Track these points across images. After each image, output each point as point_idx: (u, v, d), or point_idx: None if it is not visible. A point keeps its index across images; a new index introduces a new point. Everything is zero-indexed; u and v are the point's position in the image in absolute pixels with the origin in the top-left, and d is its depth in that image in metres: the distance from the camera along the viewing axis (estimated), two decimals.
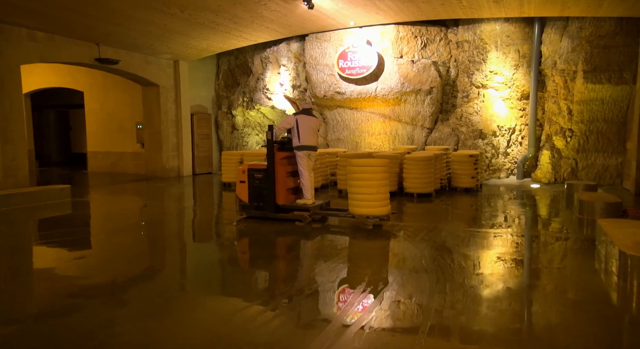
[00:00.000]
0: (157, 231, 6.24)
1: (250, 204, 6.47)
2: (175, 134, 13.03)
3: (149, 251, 5.30)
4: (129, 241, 5.57)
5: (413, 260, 4.63)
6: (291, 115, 6.55)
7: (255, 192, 6.44)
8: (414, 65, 11.05)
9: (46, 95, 16.42)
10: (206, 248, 5.49)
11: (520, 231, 6.03)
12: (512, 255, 4.79)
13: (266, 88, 13.45)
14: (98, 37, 10.09)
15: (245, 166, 6.56)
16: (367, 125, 12.08)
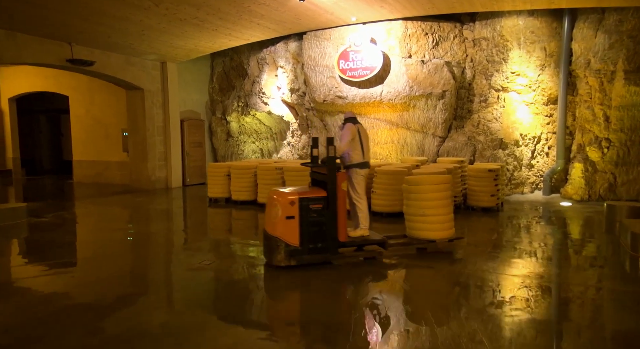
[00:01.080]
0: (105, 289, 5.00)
1: (303, 248, 4.67)
2: (162, 142, 11.94)
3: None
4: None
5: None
6: (350, 124, 5.21)
7: (311, 230, 4.69)
8: (424, 65, 9.76)
9: (37, 99, 15.53)
10: None
11: (561, 281, 4.72)
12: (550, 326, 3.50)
13: (262, 92, 12.29)
14: (69, 35, 9.04)
15: (294, 195, 4.68)
16: (372, 132, 10.81)
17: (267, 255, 4.82)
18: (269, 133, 12.89)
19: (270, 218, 4.77)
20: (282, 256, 4.65)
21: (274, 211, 4.70)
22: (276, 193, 4.84)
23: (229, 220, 8.21)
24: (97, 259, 5.32)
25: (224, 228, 7.66)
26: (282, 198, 4.70)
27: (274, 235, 4.67)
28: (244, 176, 9.01)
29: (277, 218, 4.65)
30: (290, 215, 4.62)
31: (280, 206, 4.64)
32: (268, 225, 4.80)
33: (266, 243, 4.80)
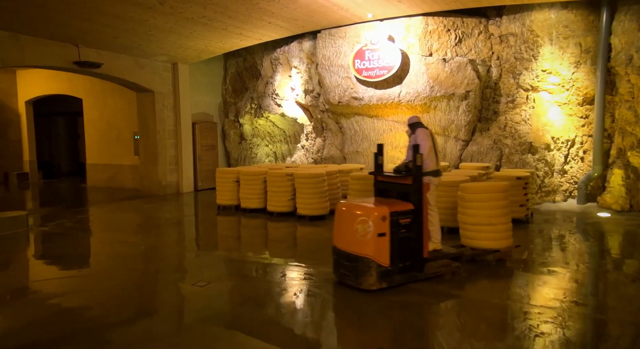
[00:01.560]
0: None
1: (393, 267, 4.21)
2: (173, 145, 11.62)
3: None
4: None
5: None
6: (424, 129, 4.88)
7: (400, 248, 4.25)
8: (446, 64, 9.09)
9: (54, 101, 15.50)
10: None
11: (608, 311, 4.04)
12: None
13: (275, 93, 11.83)
14: (74, 36, 8.77)
15: (384, 209, 4.16)
16: (389, 136, 10.20)
17: (349, 278, 4.27)
18: (282, 136, 12.42)
19: (352, 235, 4.21)
20: (374, 279, 4.11)
21: (360, 227, 4.15)
22: (359, 207, 4.33)
23: (239, 231, 7.76)
24: (90, 277, 4.92)
25: (234, 241, 7.20)
26: (372, 212, 4.14)
27: (363, 254, 4.11)
28: (253, 183, 8.55)
29: (368, 236, 4.10)
30: (382, 232, 4.12)
31: (372, 222, 4.09)
32: (351, 243, 4.23)
33: (349, 265, 4.23)
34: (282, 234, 7.22)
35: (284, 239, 6.90)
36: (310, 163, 11.70)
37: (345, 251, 4.30)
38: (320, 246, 6.13)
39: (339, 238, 4.43)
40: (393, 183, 4.64)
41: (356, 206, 4.42)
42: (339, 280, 4.41)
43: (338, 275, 4.43)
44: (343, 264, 4.32)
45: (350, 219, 4.27)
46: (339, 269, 4.40)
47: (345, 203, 4.62)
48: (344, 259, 4.31)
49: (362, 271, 4.14)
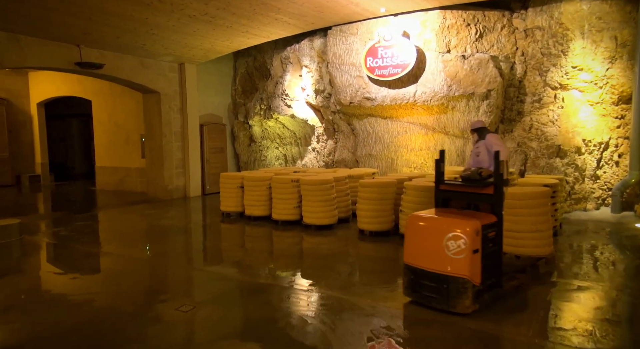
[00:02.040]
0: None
1: (484, 286, 3.85)
2: (180, 148, 11.26)
3: None
4: None
5: None
6: (495, 134, 4.73)
7: (488, 263, 3.91)
8: (466, 61, 8.43)
9: (69, 103, 15.40)
10: None
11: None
12: None
13: (285, 93, 11.34)
14: (75, 37, 8.46)
15: (476, 223, 3.77)
16: (404, 138, 9.59)
17: (436, 300, 3.87)
18: (293, 138, 11.93)
19: (439, 253, 3.81)
20: (470, 301, 3.72)
21: (452, 244, 3.74)
22: (447, 221, 3.88)
23: (241, 242, 7.30)
24: (62, 303, 4.52)
25: (234, 255, 6.73)
26: (465, 227, 3.73)
27: (456, 274, 3.73)
28: (258, 189, 8.08)
29: (464, 254, 3.69)
30: (476, 248, 3.74)
31: (467, 238, 3.69)
32: (438, 261, 3.82)
33: (436, 286, 3.84)
34: (286, 247, 6.71)
35: (289, 253, 6.39)
36: (322, 166, 11.17)
37: (428, 271, 3.88)
38: (331, 262, 5.60)
39: (416, 255, 4.01)
40: (461, 193, 4.26)
41: (442, 220, 3.97)
42: (417, 302, 4.01)
43: (417, 296, 4.02)
44: (426, 285, 3.91)
45: (436, 234, 3.86)
46: (419, 290, 3.98)
47: (423, 216, 4.13)
48: (427, 279, 3.89)
49: (455, 292, 3.74)
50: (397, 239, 6.63)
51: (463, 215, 4.00)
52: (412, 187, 6.46)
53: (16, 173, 14.55)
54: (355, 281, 4.95)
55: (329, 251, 6.11)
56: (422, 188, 6.36)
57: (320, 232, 7.15)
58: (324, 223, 7.30)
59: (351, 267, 5.45)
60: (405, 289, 4.12)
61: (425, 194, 6.34)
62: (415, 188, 6.43)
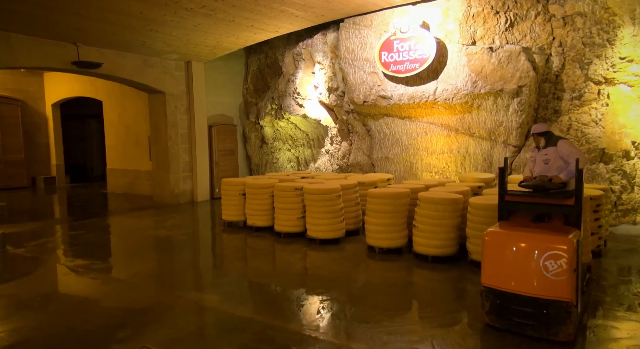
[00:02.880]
0: None
1: (577, 306, 3.49)
2: (187, 151, 10.74)
3: None
4: None
5: None
6: (568, 140, 4.45)
7: (580, 281, 3.64)
8: (494, 54, 7.46)
9: (88, 104, 15.19)
10: None
11: None
12: None
13: (297, 92, 10.62)
14: (71, 34, 8.01)
15: (573, 239, 3.40)
16: (424, 140, 8.69)
17: (531, 328, 3.45)
18: (305, 139, 11.20)
19: (532, 273, 3.43)
20: (573, 327, 3.36)
21: (551, 264, 3.35)
22: (540, 238, 3.49)
23: (238, 257, 6.64)
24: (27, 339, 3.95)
25: (227, 276, 6.06)
26: (565, 244, 3.35)
27: (557, 298, 3.33)
28: (260, 197, 7.40)
29: (565, 275, 3.31)
30: (575, 267, 3.39)
31: (568, 256, 3.31)
32: (532, 283, 3.43)
33: (531, 312, 3.43)
34: (283, 267, 6.00)
35: (284, 277, 5.66)
36: (335, 170, 10.40)
37: (521, 294, 3.48)
38: (334, 290, 4.84)
39: (503, 276, 3.59)
40: (532, 204, 3.89)
41: (536, 236, 3.53)
42: (505, 329, 3.58)
43: (506, 323, 3.58)
44: (517, 311, 3.49)
45: (530, 253, 3.46)
46: (508, 317, 3.55)
47: (508, 232, 3.73)
48: (518, 304, 3.48)
49: (557, 318, 3.35)
50: (410, 257, 5.80)
51: (552, 230, 3.62)
52: (427, 199, 5.60)
53: (31, 175, 14.46)
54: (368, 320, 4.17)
55: (332, 274, 5.33)
56: (439, 201, 5.51)
57: (324, 247, 6.39)
58: (329, 237, 6.54)
59: (362, 300, 4.66)
60: (488, 315, 3.67)
61: (443, 208, 5.49)
62: (430, 201, 5.57)
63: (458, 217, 5.59)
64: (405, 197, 6.03)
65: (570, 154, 4.15)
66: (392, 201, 5.95)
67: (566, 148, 4.23)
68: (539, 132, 4.47)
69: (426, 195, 5.70)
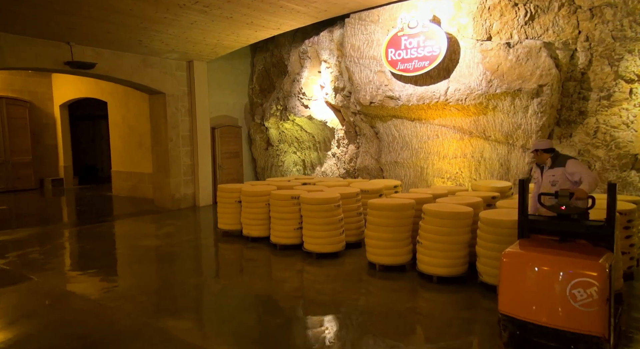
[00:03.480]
0: None
1: (609, 340, 3.01)
2: (189, 153, 10.36)
3: None
4: None
5: None
6: (577, 160, 4.10)
7: (613, 312, 3.20)
8: (511, 50, 6.79)
9: (99, 104, 15.03)
10: None
11: None
12: None
13: (302, 92, 10.11)
14: (62, 33, 7.69)
15: (604, 264, 2.97)
16: (436, 143, 8.07)
17: None
18: (311, 142, 10.69)
19: (558, 302, 3.00)
20: None
21: (579, 292, 2.91)
22: (565, 261, 3.06)
23: (231, 271, 6.17)
24: None
25: (215, 295, 5.60)
26: (594, 269, 2.93)
27: (586, 332, 2.89)
28: (255, 206, 6.93)
29: (597, 306, 2.87)
30: (608, 296, 2.94)
31: (600, 284, 2.88)
32: (557, 313, 3.00)
33: (555, 347, 3.04)
34: (273, 285, 5.50)
35: (271, 298, 5.17)
36: (342, 174, 9.86)
37: (544, 326, 3.04)
38: (328, 318, 4.32)
39: (522, 304, 3.15)
40: (557, 224, 3.49)
41: (561, 259, 3.11)
42: None
43: None
44: (540, 344, 3.09)
45: (554, 278, 3.05)
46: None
47: (526, 252, 3.33)
48: (541, 336, 3.06)
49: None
50: (414, 276, 5.23)
51: (581, 252, 3.18)
52: (433, 213, 5.02)
53: (40, 176, 14.36)
54: None
55: (325, 297, 4.79)
56: (446, 215, 4.92)
57: (322, 262, 5.87)
58: (327, 250, 6.01)
59: (358, 329, 4.12)
60: (506, 347, 3.28)
61: (450, 222, 4.90)
62: (436, 215, 4.98)
63: (467, 233, 4.99)
64: (409, 209, 5.45)
65: (579, 173, 3.82)
66: (394, 213, 5.38)
67: (576, 167, 3.88)
68: (543, 148, 4.07)
69: (431, 207, 5.11)
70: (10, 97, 13.50)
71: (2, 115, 13.30)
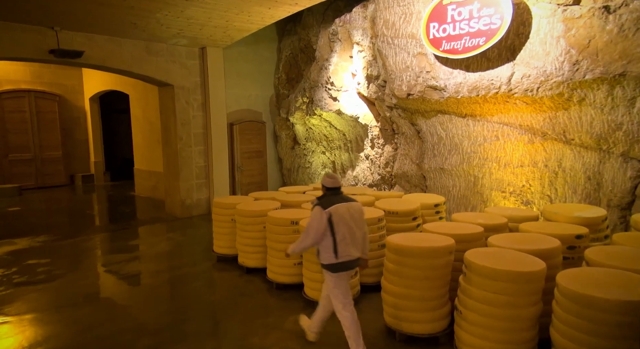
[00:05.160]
0: None
1: None
2: (202, 154, 9.12)
3: None
4: None
5: None
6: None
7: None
8: (611, 18, 4.69)
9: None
10: None
11: None
12: None
13: (330, 82, 8.46)
14: (46, 17, 6.61)
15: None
16: (495, 147, 6.13)
17: None
18: (342, 141, 9.03)
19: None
20: None
21: None
22: None
23: (194, 332, 4.76)
24: None
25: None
26: None
27: None
28: (251, 230, 5.47)
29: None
30: None
31: None
32: None
33: None
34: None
35: None
36: (377, 180, 8.15)
37: None
38: None
39: None
40: None
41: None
42: None
43: None
44: None
45: None
46: None
47: None
48: None
49: None
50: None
51: None
52: (480, 269, 3.23)
53: (70, 172, 13.96)
54: None
55: None
56: (501, 275, 3.13)
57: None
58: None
59: None
60: None
61: (509, 288, 3.11)
62: (486, 274, 3.20)
63: (536, 303, 3.17)
64: (445, 255, 3.70)
65: None
66: (422, 261, 3.65)
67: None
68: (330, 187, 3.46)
69: (479, 258, 3.32)
70: (39, 91, 13.08)
71: (31, 109, 12.92)
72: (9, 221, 8.94)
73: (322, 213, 3.31)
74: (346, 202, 3.43)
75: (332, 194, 3.47)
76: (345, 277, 3.47)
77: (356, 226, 3.42)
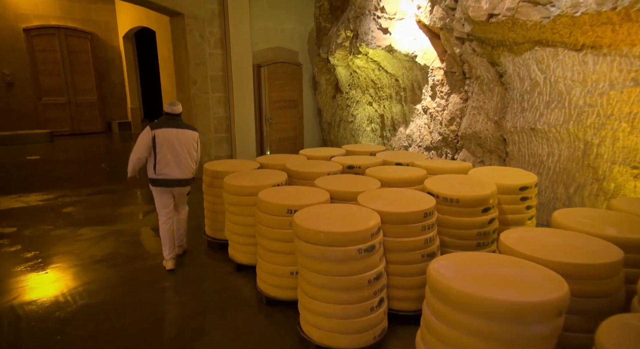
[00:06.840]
0: None
1: None
2: (221, 102, 7.53)
3: None
4: None
5: None
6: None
7: None
8: None
9: None
10: None
11: None
12: None
13: (380, 7, 6.28)
14: None
15: None
16: (627, 97, 3.85)
17: None
18: (393, 88, 6.93)
19: None
20: None
21: None
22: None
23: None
24: None
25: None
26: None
27: None
28: (242, 212, 3.85)
29: None
30: None
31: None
32: None
33: None
34: None
35: None
36: (437, 142, 6.12)
37: None
38: None
39: None
40: None
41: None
42: None
43: None
44: None
45: None
46: None
47: None
48: None
49: None
50: None
51: None
52: None
53: (107, 119, 13.19)
54: None
55: None
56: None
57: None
58: (342, 346, 2.72)
59: None
60: None
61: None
62: None
63: None
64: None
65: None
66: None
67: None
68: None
69: None
70: (70, 27, 12.07)
71: (62, 48, 12.02)
72: (29, 172, 8.16)
73: (148, 133, 3.74)
74: (179, 128, 3.83)
75: (168, 119, 3.86)
76: (165, 193, 3.89)
77: (183, 151, 3.83)
